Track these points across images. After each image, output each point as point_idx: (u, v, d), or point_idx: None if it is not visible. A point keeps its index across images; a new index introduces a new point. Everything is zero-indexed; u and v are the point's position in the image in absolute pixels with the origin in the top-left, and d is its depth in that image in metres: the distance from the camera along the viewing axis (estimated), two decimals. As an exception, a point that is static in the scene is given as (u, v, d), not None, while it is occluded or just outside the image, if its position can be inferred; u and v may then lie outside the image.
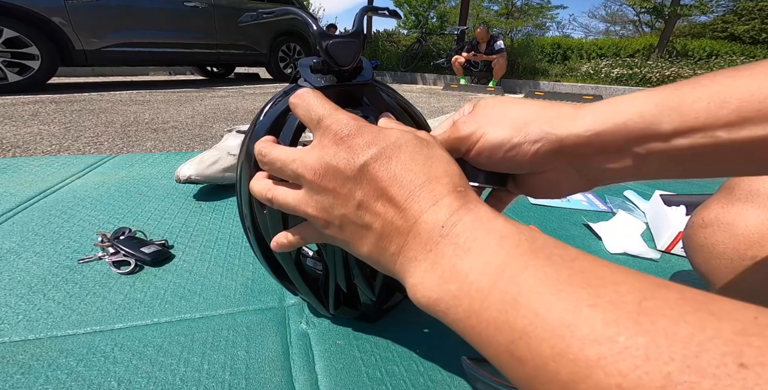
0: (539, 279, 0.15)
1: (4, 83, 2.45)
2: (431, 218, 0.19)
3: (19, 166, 0.94)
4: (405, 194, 0.20)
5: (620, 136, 0.21)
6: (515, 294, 0.15)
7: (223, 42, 3.70)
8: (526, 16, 10.98)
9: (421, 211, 0.19)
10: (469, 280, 0.17)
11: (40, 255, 0.54)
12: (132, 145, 1.25)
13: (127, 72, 5.45)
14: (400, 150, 0.21)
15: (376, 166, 0.20)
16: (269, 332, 0.41)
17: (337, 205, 0.21)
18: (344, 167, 0.20)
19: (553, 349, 0.14)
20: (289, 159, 0.23)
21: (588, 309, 0.14)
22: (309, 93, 0.24)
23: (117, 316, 0.42)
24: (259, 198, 0.26)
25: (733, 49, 5.90)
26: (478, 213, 0.19)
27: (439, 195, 0.19)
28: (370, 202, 0.20)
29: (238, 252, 0.57)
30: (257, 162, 0.26)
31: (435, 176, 0.20)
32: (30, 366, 0.35)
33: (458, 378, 0.36)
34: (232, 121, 1.78)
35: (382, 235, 0.20)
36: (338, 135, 0.21)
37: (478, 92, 4.10)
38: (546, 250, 0.17)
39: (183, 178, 0.72)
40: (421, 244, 0.19)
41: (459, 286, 0.17)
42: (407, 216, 0.20)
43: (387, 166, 0.20)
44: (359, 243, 0.22)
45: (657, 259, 0.59)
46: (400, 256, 0.20)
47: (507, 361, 0.15)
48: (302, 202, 0.23)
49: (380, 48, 6.54)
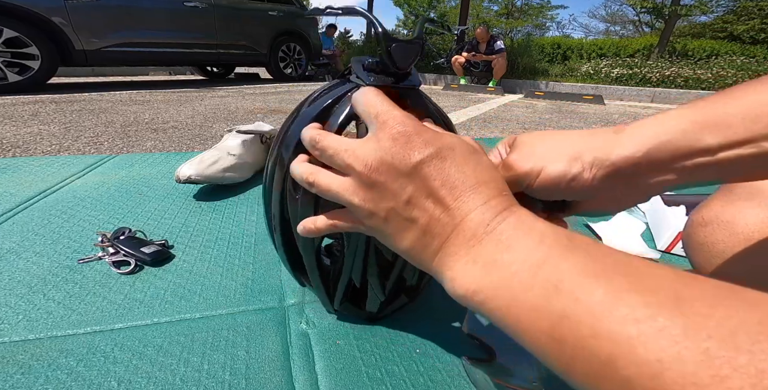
0: (579, 269, 0.16)
1: (4, 83, 2.45)
2: (477, 217, 0.20)
3: (19, 166, 0.94)
4: (456, 194, 0.21)
5: (667, 154, 0.23)
6: (556, 282, 0.16)
7: (223, 42, 3.70)
8: (526, 16, 10.98)
9: (468, 211, 0.20)
10: (510, 271, 0.18)
11: (40, 255, 0.54)
12: (132, 145, 1.25)
13: (127, 72, 5.45)
14: (453, 152, 0.22)
15: (431, 165, 0.21)
16: (269, 332, 0.41)
17: (386, 199, 0.22)
18: (399, 163, 0.21)
19: (593, 329, 0.14)
20: (342, 148, 0.23)
21: (627, 293, 0.15)
22: (371, 90, 0.25)
23: (117, 316, 0.42)
24: (299, 180, 0.26)
25: (733, 49, 5.90)
26: (520, 215, 0.20)
27: (486, 197, 0.21)
28: (420, 199, 0.21)
29: (238, 252, 0.57)
30: (299, 145, 0.27)
31: (483, 180, 0.21)
32: (30, 366, 0.35)
33: (458, 378, 0.36)
34: (232, 121, 1.78)
35: (427, 230, 0.21)
36: (396, 131, 0.22)
37: (478, 92, 4.10)
38: (583, 246, 0.18)
39: (183, 178, 0.72)
40: (464, 240, 0.20)
41: (500, 277, 0.18)
42: (454, 214, 0.21)
43: (441, 166, 0.21)
44: (401, 236, 0.23)
45: (657, 259, 0.59)
46: (440, 251, 0.21)
47: (546, 344, 0.16)
48: (348, 190, 0.23)
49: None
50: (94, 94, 2.71)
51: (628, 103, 3.86)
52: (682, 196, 0.70)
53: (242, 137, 0.87)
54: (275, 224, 0.35)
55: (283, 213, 0.34)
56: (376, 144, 0.22)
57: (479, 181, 0.21)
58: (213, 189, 0.81)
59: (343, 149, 0.23)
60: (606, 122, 2.32)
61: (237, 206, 0.73)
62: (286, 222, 0.34)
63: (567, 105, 3.25)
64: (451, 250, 0.21)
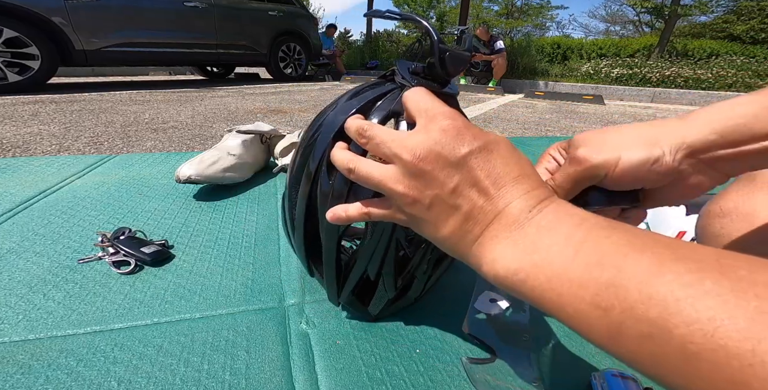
0: (621, 244, 0.17)
1: (4, 83, 2.45)
2: (519, 205, 0.21)
3: (19, 166, 0.94)
4: (500, 184, 0.22)
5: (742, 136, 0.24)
6: (600, 256, 0.17)
7: (223, 42, 3.70)
8: (526, 16, 10.98)
9: (511, 199, 0.22)
10: (552, 250, 0.19)
11: (40, 255, 0.54)
12: (132, 145, 1.25)
13: (127, 72, 5.45)
14: (499, 146, 0.23)
15: (478, 157, 0.22)
16: (269, 332, 0.41)
17: (432, 186, 0.23)
18: (448, 154, 0.22)
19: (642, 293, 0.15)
20: (389, 138, 0.25)
21: (671, 262, 0.15)
22: (422, 89, 0.27)
23: (117, 316, 0.42)
24: (340, 166, 0.27)
25: (734, 49, 5.91)
26: (561, 203, 0.22)
27: (528, 187, 0.22)
28: (466, 188, 0.22)
29: (238, 252, 0.57)
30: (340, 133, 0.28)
31: (525, 173, 0.23)
32: (30, 366, 0.35)
33: (458, 378, 0.36)
34: (232, 121, 1.78)
35: (469, 217, 0.22)
36: (446, 124, 0.23)
37: (478, 92, 4.10)
38: (622, 227, 0.19)
39: (183, 178, 0.72)
40: (506, 225, 0.21)
41: (542, 256, 0.19)
42: (497, 202, 0.22)
43: (488, 158, 0.22)
44: (443, 223, 0.23)
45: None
46: (481, 236, 0.22)
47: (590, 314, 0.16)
48: (391, 178, 0.24)
49: (380, 48, 6.53)
50: (94, 94, 2.71)
51: (629, 103, 3.86)
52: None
53: (242, 137, 0.87)
54: (299, 208, 0.35)
55: (310, 197, 0.34)
56: (425, 135, 0.23)
57: (522, 173, 0.22)
58: (213, 189, 0.81)
59: (391, 139, 0.24)
60: (606, 122, 2.32)
61: (237, 206, 0.73)
62: (310, 207, 0.34)
63: (567, 105, 3.25)
64: (491, 235, 0.21)
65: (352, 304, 0.41)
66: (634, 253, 0.16)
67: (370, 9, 0.34)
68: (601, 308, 0.16)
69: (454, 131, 0.23)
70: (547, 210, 0.21)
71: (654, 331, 0.14)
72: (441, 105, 0.25)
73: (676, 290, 0.14)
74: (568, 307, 0.17)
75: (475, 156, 0.22)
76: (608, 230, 0.18)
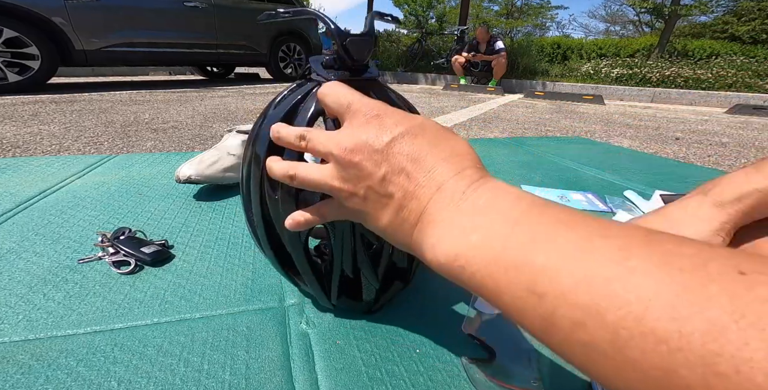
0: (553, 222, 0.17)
1: (4, 83, 2.45)
2: (452, 185, 0.21)
3: (19, 166, 0.94)
4: (429, 166, 0.21)
5: None
6: (533, 234, 0.16)
7: (223, 42, 3.70)
8: (526, 16, 10.97)
9: (443, 180, 0.21)
10: (490, 230, 0.18)
11: (40, 255, 0.54)
12: (132, 145, 1.25)
13: (127, 72, 5.45)
14: (425, 130, 0.23)
15: (403, 142, 0.22)
16: (269, 332, 0.41)
17: (363, 177, 0.23)
18: (373, 142, 0.22)
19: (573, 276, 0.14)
20: (323, 137, 0.25)
21: (600, 239, 0.15)
22: (337, 83, 0.27)
23: (117, 316, 0.42)
24: (280, 176, 0.27)
25: (734, 49, 5.90)
26: (496, 182, 0.21)
27: (460, 167, 0.21)
28: (394, 175, 0.22)
29: (238, 252, 0.57)
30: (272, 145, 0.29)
31: (458, 153, 0.22)
32: (30, 366, 0.35)
33: (458, 378, 0.36)
34: (232, 121, 1.78)
35: (403, 205, 0.22)
36: (368, 115, 0.23)
37: (478, 92, 4.10)
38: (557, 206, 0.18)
39: (183, 178, 0.72)
40: (441, 207, 0.20)
41: (479, 236, 0.18)
42: (429, 185, 0.21)
43: (413, 141, 0.22)
44: (380, 214, 0.23)
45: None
46: (418, 223, 0.22)
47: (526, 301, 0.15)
48: (327, 176, 0.24)
49: (380, 48, 6.53)
50: (94, 94, 2.71)
51: (629, 103, 3.86)
52: (682, 195, 0.70)
53: (242, 137, 0.87)
54: (259, 226, 0.36)
55: (264, 214, 0.34)
56: (350, 129, 0.24)
57: (452, 154, 0.22)
58: (213, 189, 0.81)
59: (324, 137, 0.25)
60: (606, 122, 2.32)
61: (237, 206, 0.73)
62: (269, 223, 0.35)
63: (567, 105, 3.25)
64: (428, 219, 0.21)
65: (345, 302, 0.41)
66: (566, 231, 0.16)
67: (370, 9, 0.35)
68: (537, 294, 0.15)
69: (376, 121, 0.23)
70: (483, 189, 0.20)
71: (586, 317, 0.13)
72: (360, 96, 0.25)
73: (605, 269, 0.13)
74: (506, 294, 0.16)
75: (399, 141, 0.22)
76: (541, 207, 0.18)
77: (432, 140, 0.22)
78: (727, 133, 2.00)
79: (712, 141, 1.73)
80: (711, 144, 1.65)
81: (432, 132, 0.23)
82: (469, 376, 0.35)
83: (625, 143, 1.60)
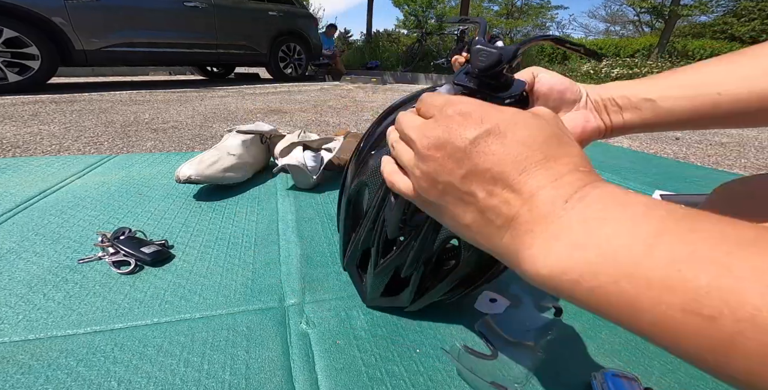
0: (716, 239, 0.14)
1: (4, 83, 2.45)
2: (550, 194, 0.18)
3: (19, 166, 0.94)
4: (518, 170, 0.19)
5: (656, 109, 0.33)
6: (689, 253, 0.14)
7: (223, 42, 3.70)
8: (526, 16, 10.98)
9: (538, 188, 0.19)
10: (613, 246, 0.16)
11: (40, 255, 0.54)
12: (132, 145, 1.25)
13: (127, 72, 5.45)
14: (516, 127, 0.20)
15: (488, 141, 0.20)
16: (269, 332, 0.41)
17: (443, 173, 0.21)
18: (455, 139, 0.21)
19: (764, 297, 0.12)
20: (411, 123, 0.24)
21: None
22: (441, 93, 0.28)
23: (117, 316, 0.42)
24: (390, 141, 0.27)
25: (734, 49, 5.90)
26: (607, 188, 0.18)
27: (558, 174, 0.19)
28: (477, 175, 0.20)
29: (238, 252, 0.57)
30: None
31: (553, 155, 0.20)
32: (30, 366, 0.35)
33: (458, 378, 0.36)
34: (232, 121, 1.78)
35: (487, 206, 0.20)
36: (455, 111, 0.22)
37: (478, 92, 4.09)
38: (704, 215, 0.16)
39: (183, 178, 0.72)
40: (539, 217, 0.18)
41: (599, 252, 0.16)
42: (520, 190, 0.19)
43: (501, 141, 0.20)
44: (459, 211, 0.22)
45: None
46: (510, 229, 0.20)
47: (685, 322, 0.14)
48: (410, 161, 0.24)
49: (380, 48, 6.53)
50: (94, 94, 2.71)
51: (628, 103, 3.85)
52: (682, 195, 0.70)
53: (242, 137, 0.87)
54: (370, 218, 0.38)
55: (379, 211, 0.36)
56: (435, 122, 0.22)
57: (548, 156, 0.20)
58: (213, 189, 0.81)
59: (413, 126, 0.24)
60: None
61: (237, 206, 0.73)
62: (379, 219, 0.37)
63: (567, 105, 3.24)
64: (525, 228, 0.19)
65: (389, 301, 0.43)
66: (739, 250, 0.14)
67: (370, 9, 0.35)
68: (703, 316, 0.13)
69: (460, 117, 0.21)
70: (590, 199, 0.18)
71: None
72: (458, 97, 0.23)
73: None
74: (647, 313, 0.15)
75: (483, 140, 0.20)
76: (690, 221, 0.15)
77: (525, 139, 0.20)
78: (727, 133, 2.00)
79: (712, 141, 1.73)
80: (711, 144, 1.65)
81: (524, 129, 0.20)
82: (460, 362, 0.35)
83: (625, 143, 1.60)
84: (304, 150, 0.83)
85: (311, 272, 0.52)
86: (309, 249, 0.58)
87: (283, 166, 0.79)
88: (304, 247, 0.58)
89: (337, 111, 2.23)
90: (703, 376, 0.36)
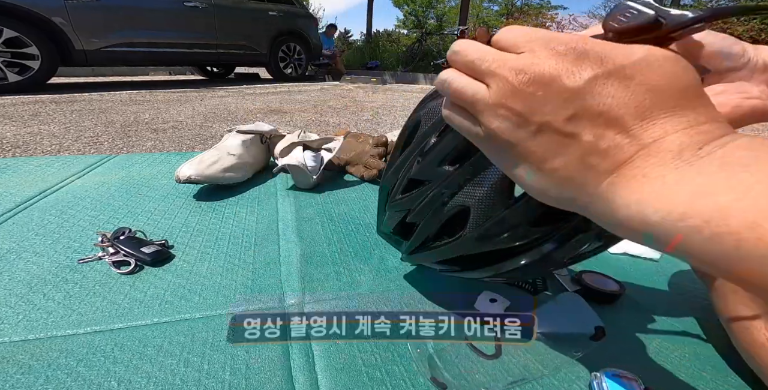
0: None
1: (4, 83, 2.46)
2: (679, 140, 0.16)
3: (19, 166, 0.94)
4: (640, 116, 0.17)
5: None
6: None
7: (223, 42, 3.70)
8: (526, 16, 10.98)
9: (664, 133, 0.16)
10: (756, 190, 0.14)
11: (40, 255, 0.54)
12: (132, 145, 1.25)
13: (127, 72, 5.45)
14: (644, 71, 0.17)
15: (608, 83, 0.17)
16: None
17: (540, 113, 0.18)
18: (566, 78, 0.18)
19: None
20: (489, 55, 0.20)
21: None
22: None
23: (117, 316, 0.42)
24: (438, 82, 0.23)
25: (733, 49, 5.90)
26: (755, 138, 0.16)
27: (693, 122, 0.17)
28: (586, 116, 0.17)
29: (238, 252, 0.57)
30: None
31: (688, 105, 0.17)
32: (30, 366, 0.35)
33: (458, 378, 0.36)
34: (232, 121, 1.78)
35: (593, 149, 0.18)
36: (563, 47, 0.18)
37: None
38: None
39: (183, 178, 0.72)
40: (659, 162, 0.16)
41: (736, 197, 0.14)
42: (639, 136, 0.17)
43: (625, 84, 0.17)
44: (551, 154, 0.19)
45: (657, 259, 0.59)
46: (614, 173, 0.17)
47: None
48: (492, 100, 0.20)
49: (380, 48, 6.54)
50: (94, 94, 2.71)
51: (628, 103, 3.86)
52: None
53: (242, 137, 0.87)
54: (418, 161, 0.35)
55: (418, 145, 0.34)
56: (532, 58, 0.19)
57: (681, 105, 0.17)
58: (213, 189, 0.81)
59: (491, 58, 0.20)
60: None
61: (237, 206, 0.73)
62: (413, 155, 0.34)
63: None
64: (635, 173, 0.17)
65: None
66: None
67: (370, 9, 0.34)
68: None
69: (574, 54, 0.18)
70: (733, 145, 0.16)
71: None
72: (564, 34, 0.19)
73: None
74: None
75: (601, 82, 0.17)
76: None
77: (656, 86, 0.17)
78: (727, 133, 2.00)
79: None
80: None
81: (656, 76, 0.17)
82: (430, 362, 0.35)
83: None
84: (304, 150, 0.83)
85: (311, 272, 0.52)
86: (309, 249, 0.58)
87: (283, 166, 0.79)
88: (304, 247, 0.58)
89: (337, 111, 2.23)
90: (703, 376, 0.36)
